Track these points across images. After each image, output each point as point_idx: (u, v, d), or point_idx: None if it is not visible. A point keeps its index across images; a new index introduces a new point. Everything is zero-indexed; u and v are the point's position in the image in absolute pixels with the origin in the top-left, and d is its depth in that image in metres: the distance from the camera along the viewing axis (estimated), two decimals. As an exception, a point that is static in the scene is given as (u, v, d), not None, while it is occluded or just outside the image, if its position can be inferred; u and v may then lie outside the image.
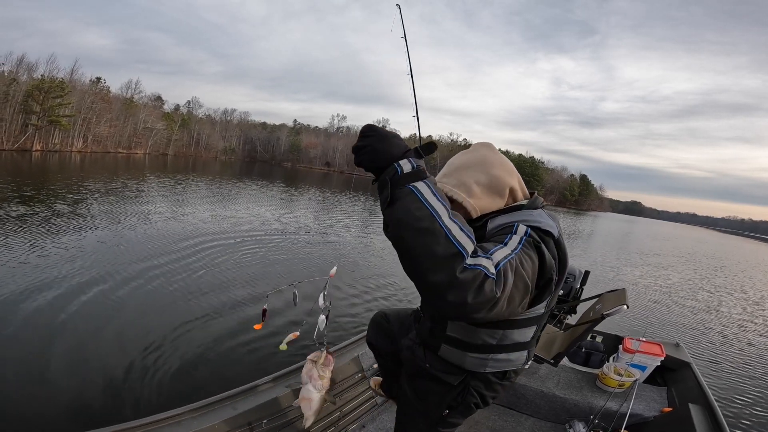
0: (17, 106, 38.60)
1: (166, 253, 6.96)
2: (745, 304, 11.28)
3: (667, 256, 22.53)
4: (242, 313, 4.96)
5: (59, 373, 3.30)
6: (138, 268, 5.99)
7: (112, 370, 3.43)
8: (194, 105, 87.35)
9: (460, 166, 1.16)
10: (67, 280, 5.19)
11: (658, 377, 2.87)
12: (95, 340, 3.90)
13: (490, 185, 1.13)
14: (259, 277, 6.51)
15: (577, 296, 3.66)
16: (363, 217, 17.03)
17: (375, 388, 2.14)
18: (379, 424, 2.29)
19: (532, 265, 0.91)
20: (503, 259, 0.83)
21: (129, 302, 4.83)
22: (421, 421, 1.36)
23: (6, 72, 39.84)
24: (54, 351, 3.60)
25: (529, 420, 2.56)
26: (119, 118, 53.35)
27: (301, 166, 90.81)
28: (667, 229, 75.92)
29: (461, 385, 1.26)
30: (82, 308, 4.48)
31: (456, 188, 1.12)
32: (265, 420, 1.83)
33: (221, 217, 11.74)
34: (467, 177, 1.13)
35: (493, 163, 1.15)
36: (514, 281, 0.83)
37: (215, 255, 7.37)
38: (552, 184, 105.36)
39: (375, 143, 0.82)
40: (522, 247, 0.92)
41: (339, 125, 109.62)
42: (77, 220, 8.84)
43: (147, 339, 4.01)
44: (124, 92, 60.39)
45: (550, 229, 1.04)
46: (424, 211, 0.75)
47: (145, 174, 24.13)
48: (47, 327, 3.98)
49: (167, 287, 5.47)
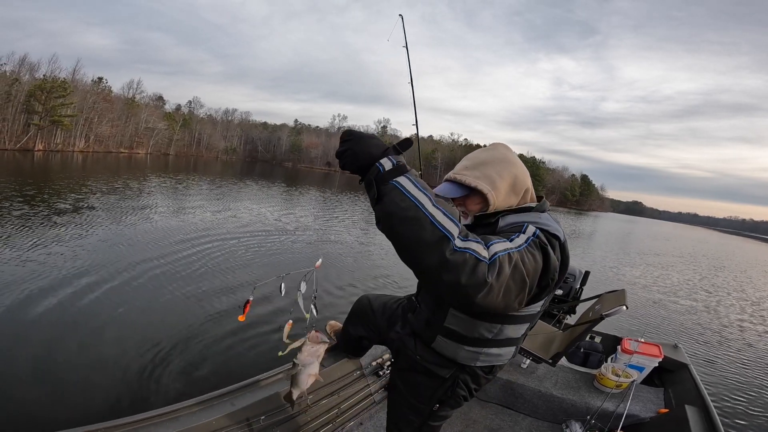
0: (20, 106, 38.64)
1: (165, 252, 6.98)
2: (744, 304, 11.27)
3: (667, 256, 22.49)
4: (238, 310, 4.96)
5: (55, 369, 3.32)
6: (136, 267, 6.01)
7: (110, 366, 3.45)
8: (195, 105, 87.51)
9: (485, 161, 1.19)
10: (64, 278, 5.21)
11: (655, 378, 2.87)
12: (93, 337, 3.91)
13: (511, 183, 1.18)
14: (258, 274, 6.53)
15: (577, 296, 3.67)
16: (364, 216, 17.05)
17: (329, 332, 2.17)
18: (376, 422, 2.30)
19: (535, 264, 0.94)
20: (502, 251, 0.87)
21: (126, 300, 4.84)
22: (413, 416, 1.38)
23: (8, 72, 39.87)
24: (52, 350, 3.61)
25: (527, 420, 2.58)
26: (121, 118, 53.43)
27: (302, 166, 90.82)
28: (667, 230, 75.79)
29: (451, 379, 1.29)
30: (80, 307, 4.50)
31: (481, 180, 1.15)
32: (263, 416, 1.84)
33: (220, 215, 11.76)
34: (492, 171, 1.16)
35: (515, 163, 1.20)
36: (512, 274, 0.86)
37: (213, 253, 7.39)
38: (553, 184, 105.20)
39: (354, 146, 0.87)
40: (527, 245, 0.95)
41: (340, 125, 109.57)
42: (79, 218, 8.87)
43: (145, 335, 4.03)
44: (125, 92, 60.64)
45: (557, 233, 1.08)
46: (408, 202, 0.81)
47: (147, 174, 24.17)
48: (46, 327, 4.01)
49: (166, 285, 5.49)
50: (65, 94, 42.07)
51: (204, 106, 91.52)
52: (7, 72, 39.86)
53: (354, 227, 13.57)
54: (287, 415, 1.94)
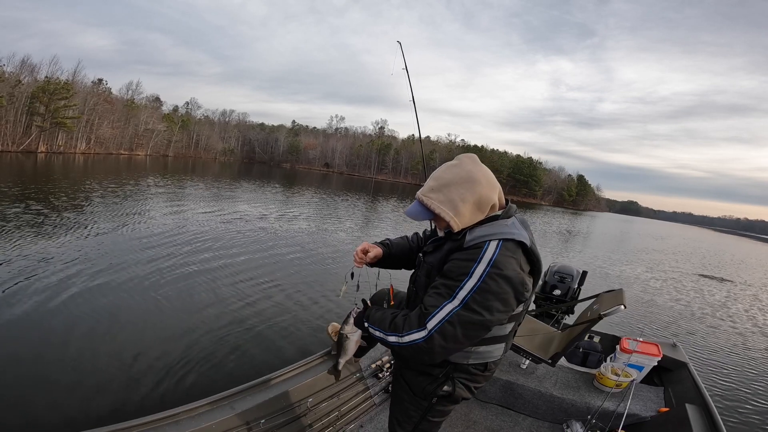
0: (22, 107, 38.43)
1: (166, 254, 6.98)
2: (743, 304, 11.31)
3: (664, 253, 22.62)
4: (240, 312, 4.97)
5: (55, 372, 3.30)
6: (138, 268, 6.00)
7: (110, 370, 3.43)
8: (193, 106, 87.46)
9: (449, 182, 1.22)
10: (61, 280, 5.19)
11: (655, 377, 2.88)
12: (93, 338, 3.91)
13: (475, 204, 1.22)
14: (257, 274, 6.54)
15: (575, 296, 3.69)
16: (365, 216, 17.05)
17: (331, 333, 2.15)
18: (377, 424, 2.30)
19: (499, 291, 1.14)
20: (440, 321, 1.14)
21: (128, 302, 4.83)
22: (412, 409, 1.43)
23: (8, 73, 39.53)
24: (50, 350, 3.61)
25: (527, 420, 2.58)
26: (121, 120, 53.24)
27: (300, 167, 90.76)
28: (663, 229, 76.12)
29: (444, 377, 1.34)
30: (79, 307, 4.48)
31: (443, 205, 1.21)
32: (263, 419, 1.84)
33: (219, 216, 11.76)
34: (454, 194, 1.21)
35: (479, 180, 1.22)
36: (461, 332, 1.14)
37: (212, 254, 7.39)
38: (550, 184, 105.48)
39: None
40: (482, 283, 1.13)
41: (338, 126, 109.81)
42: (83, 217, 8.86)
43: (145, 338, 4.02)
44: (124, 94, 60.47)
45: (522, 239, 1.19)
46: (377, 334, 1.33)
47: (148, 175, 24.09)
48: (44, 327, 3.99)
49: (165, 286, 5.48)
50: (68, 96, 41.84)
51: (201, 107, 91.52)
52: (6, 73, 39.51)
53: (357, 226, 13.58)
54: (288, 418, 1.94)
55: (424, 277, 1.34)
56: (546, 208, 74.28)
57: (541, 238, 19.74)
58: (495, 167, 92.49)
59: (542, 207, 75.24)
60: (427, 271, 1.34)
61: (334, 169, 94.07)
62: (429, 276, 1.32)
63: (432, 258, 1.33)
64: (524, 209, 47.36)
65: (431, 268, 1.31)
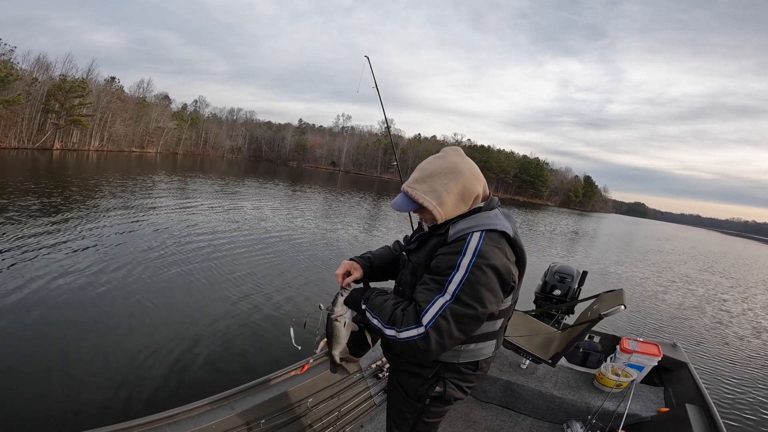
0: (38, 105, 38.89)
1: (167, 253, 7.07)
2: (743, 304, 11.18)
3: (668, 253, 22.37)
4: (240, 313, 4.99)
5: (55, 373, 3.31)
6: (138, 268, 6.06)
7: (110, 370, 3.44)
8: (201, 104, 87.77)
9: (433, 173, 1.23)
10: (54, 279, 5.24)
11: (655, 377, 2.88)
12: (94, 338, 3.94)
13: (459, 194, 1.23)
14: (257, 274, 6.61)
15: (575, 296, 3.68)
16: (368, 217, 17.07)
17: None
18: (377, 424, 2.30)
19: (488, 280, 1.13)
20: (434, 315, 1.13)
21: (128, 301, 4.87)
22: (407, 411, 1.43)
23: (21, 71, 39.89)
24: (49, 350, 3.62)
25: (527, 420, 2.59)
26: (132, 118, 53.72)
27: (306, 166, 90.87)
28: (669, 230, 75.09)
29: (435, 377, 1.33)
30: (79, 308, 4.52)
31: (427, 195, 1.22)
32: (263, 420, 1.84)
33: (220, 215, 11.87)
34: (439, 185, 1.22)
35: (464, 171, 1.23)
36: (455, 325, 1.13)
37: (213, 253, 7.48)
38: (556, 185, 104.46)
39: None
40: (469, 274, 1.13)
41: (344, 125, 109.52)
42: (91, 215, 9.01)
43: (146, 338, 4.04)
44: (135, 92, 61.01)
45: (505, 230, 1.20)
46: (374, 321, 1.28)
47: (163, 172, 24.33)
48: (43, 328, 4.02)
49: (167, 285, 5.56)
50: (84, 94, 42.18)
51: (209, 105, 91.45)
52: (20, 71, 39.92)
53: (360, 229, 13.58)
54: (288, 418, 1.95)
55: (410, 275, 1.33)
56: (552, 208, 73.59)
57: (546, 239, 19.65)
58: (502, 167, 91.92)
59: (549, 208, 74.54)
60: (412, 269, 1.33)
61: (341, 168, 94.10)
62: (415, 274, 1.31)
63: (417, 256, 1.32)
64: (530, 210, 47.08)
65: (417, 266, 1.30)
